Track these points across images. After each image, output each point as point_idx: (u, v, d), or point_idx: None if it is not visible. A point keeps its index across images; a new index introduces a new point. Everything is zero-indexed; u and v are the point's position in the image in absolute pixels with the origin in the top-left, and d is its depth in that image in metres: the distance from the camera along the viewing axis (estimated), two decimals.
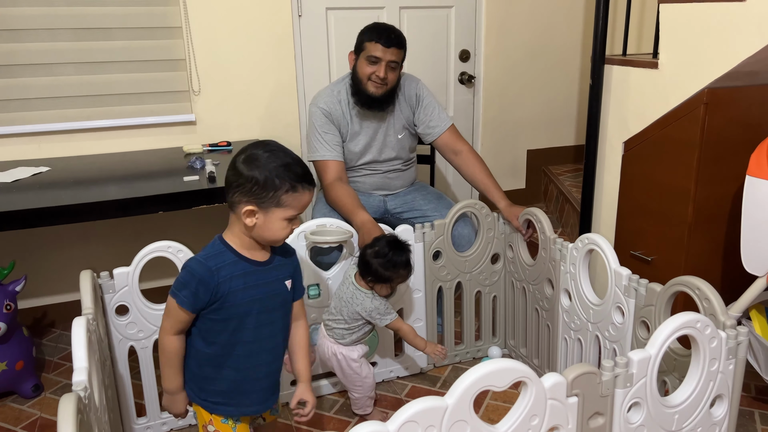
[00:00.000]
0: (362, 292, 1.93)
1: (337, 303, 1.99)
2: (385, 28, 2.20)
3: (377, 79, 2.20)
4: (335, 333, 1.98)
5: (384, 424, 1.11)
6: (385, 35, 2.17)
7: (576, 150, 3.61)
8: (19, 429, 2.04)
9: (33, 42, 2.47)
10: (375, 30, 2.20)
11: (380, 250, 1.91)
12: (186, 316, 1.39)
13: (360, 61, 2.23)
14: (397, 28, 2.24)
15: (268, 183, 1.34)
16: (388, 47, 2.17)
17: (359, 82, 2.23)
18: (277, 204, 1.38)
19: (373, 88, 2.22)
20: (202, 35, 2.67)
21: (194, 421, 2.03)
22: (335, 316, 1.98)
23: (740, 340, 1.42)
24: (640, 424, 1.35)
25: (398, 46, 2.19)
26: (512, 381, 1.18)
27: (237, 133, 2.83)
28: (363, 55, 2.21)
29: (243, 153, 1.38)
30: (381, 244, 1.93)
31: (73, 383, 1.27)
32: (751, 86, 2.02)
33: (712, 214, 2.11)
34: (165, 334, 1.41)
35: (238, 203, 1.38)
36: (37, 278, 2.67)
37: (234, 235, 1.44)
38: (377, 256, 1.90)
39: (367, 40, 2.20)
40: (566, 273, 1.98)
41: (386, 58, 2.17)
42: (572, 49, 3.44)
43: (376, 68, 2.19)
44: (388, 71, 2.19)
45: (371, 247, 1.93)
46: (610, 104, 2.36)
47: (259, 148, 1.38)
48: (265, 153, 1.36)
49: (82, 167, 2.43)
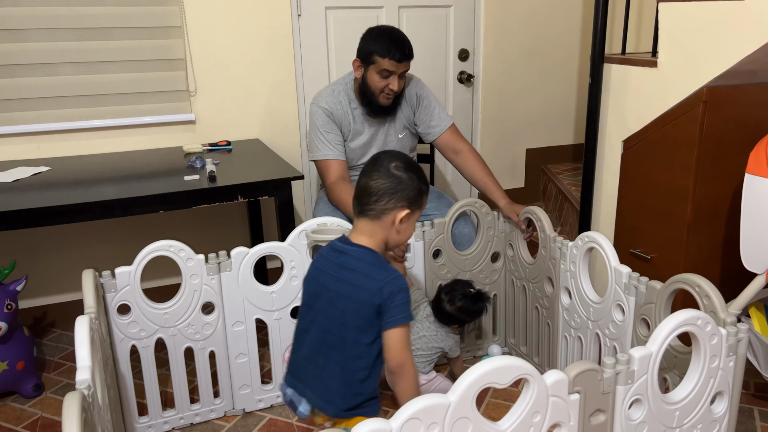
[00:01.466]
0: (443, 331, 2.06)
1: (416, 339, 2.06)
2: (396, 41, 2.13)
3: (390, 92, 2.20)
4: (417, 365, 2.04)
5: (387, 421, 1.11)
6: (399, 51, 2.11)
7: (575, 149, 3.62)
8: (20, 429, 2.04)
9: (32, 42, 2.47)
10: (386, 43, 2.12)
11: (464, 307, 2.03)
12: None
13: (370, 73, 2.18)
14: (405, 37, 2.18)
15: (422, 186, 1.43)
16: (401, 62, 2.14)
17: (371, 94, 2.21)
18: (420, 206, 1.43)
19: (385, 100, 2.22)
20: (202, 35, 2.68)
21: (194, 420, 2.03)
22: (416, 351, 2.05)
23: (740, 337, 1.43)
24: (641, 421, 1.36)
25: (409, 58, 2.17)
26: (514, 378, 1.18)
27: (236, 132, 2.84)
28: (374, 68, 2.16)
29: (391, 161, 1.42)
30: (458, 295, 2.04)
31: (76, 382, 1.28)
32: (750, 85, 2.03)
33: (711, 212, 2.12)
34: (411, 364, 1.41)
35: (393, 209, 1.41)
36: (38, 278, 2.67)
37: (377, 246, 1.44)
38: (461, 312, 2.03)
39: (379, 55, 2.13)
40: (566, 271, 1.99)
41: (399, 71, 2.16)
42: (571, 48, 3.45)
43: (389, 81, 2.17)
44: (400, 81, 2.19)
45: (450, 297, 2.04)
46: (609, 103, 2.36)
47: (399, 157, 1.45)
48: (407, 160, 1.45)
49: (82, 167, 2.43)
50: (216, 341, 1.99)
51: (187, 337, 1.95)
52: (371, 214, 1.42)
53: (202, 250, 1.94)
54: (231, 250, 1.94)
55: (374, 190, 1.40)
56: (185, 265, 1.88)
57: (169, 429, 2.02)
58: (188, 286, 1.90)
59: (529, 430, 1.24)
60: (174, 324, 1.93)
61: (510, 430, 1.22)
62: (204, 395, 2.03)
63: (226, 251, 1.94)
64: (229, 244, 2.73)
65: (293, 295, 2.03)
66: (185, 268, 1.89)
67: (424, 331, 2.06)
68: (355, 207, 1.46)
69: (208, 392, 2.04)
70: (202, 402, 2.04)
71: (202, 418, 2.05)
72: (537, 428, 1.24)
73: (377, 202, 1.40)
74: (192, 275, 1.90)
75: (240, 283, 1.96)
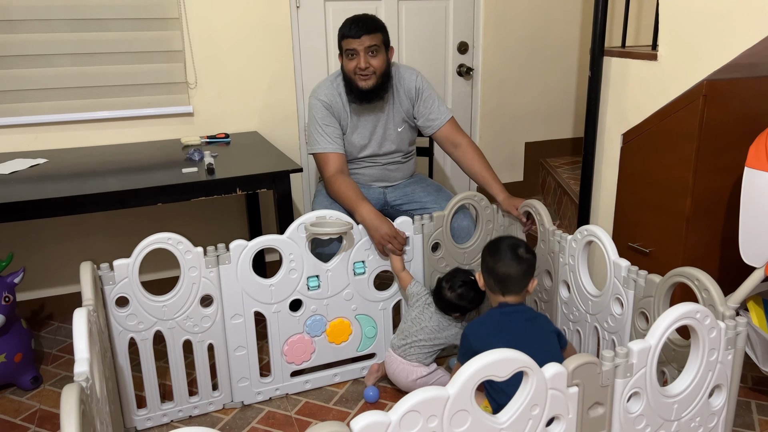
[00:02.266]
0: (445, 320, 2.07)
1: (418, 330, 2.06)
2: (353, 20, 2.19)
3: (361, 71, 2.19)
4: (414, 356, 2.06)
5: (386, 413, 1.11)
6: (353, 26, 2.16)
7: (574, 142, 3.62)
8: (18, 421, 2.04)
9: (29, 33, 2.45)
10: (344, 25, 2.20)
11: (465, 293, 2.03)
12: None
13: (344, 60, 2.23)
14: (369, 15, 2.22)
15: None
16: (359, 36, 2.15)
17: (349, 80, 2.23)
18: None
19: (363, 81, 2.21)
20: (200, 27, 2.66)
21: (193, 413, 2.04)
22: (419, 342, 2.05)
23: (739, 330, 1.43)
24: (640, 414, 1.36)
25: (369, 31, 2.16)
26: (513, 371, 1.19)
27: (234, 125, 2.83)
28: (344, 54, 2.22)
29: (518, 246, 1.76)
30: (458, 282, 2.04)
31: (74, 374, 1.27)
32: (750, 78, 2.02)
33: (711, 206, 2.12)
34: None
35: (530, 281, 1.76)
36: (35, 270, 2.66)
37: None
38: (461, 299, 2.03)
39: (341, 38, 2.20)
40: (565, 265, 1.99)
41: (362, 46, 2.16)
42: (570, 41, 3.44)
43: (356, 61, 2.18)
44: (370, 59, 2.18)
45: (450, 284, 2.04)
46: (608, 96, 2.36)
47: (519, 241, 1.80)
48: (524, 242, 1.82)
49: (80, 159, 2.42)
50: (214, 334, 1.99)
51: (186, 330, 1.95)
52: (522, 292, 1.76)
53: (200, 243, 1.94)
54: (229, 243, 1.93)
55: (521, 274, 1.73)
56: (184, 258, 1.88)
57: (167, 421, 2.02)
58: (187, 278, 1.90)
59: (528, 423, 1.24)
60: (172, 317, 1.92)
61: (509, 423, 1.22)
62: (203, 388, 2.03)
63: (224, 244, 1.93)
64: (226, 237, 2.73)
65: (292, 288, 2.03)
66: (184, 260, 1.88)
67: (425, 322, 2.06)
68: (504, 289, 1.74)
69: (207, 385, 2.04)
70: (200, 395, 2.04)
71: (201, 410, 2.05)
72: (536, 421, 1.25)
73: (529, 273, 1.75)
74: (190, 268, 1.90)
75: (239, 276, 1.95)
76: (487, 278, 1.79)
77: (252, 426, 1.99)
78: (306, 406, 2.09)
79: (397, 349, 2.08)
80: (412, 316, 2.09)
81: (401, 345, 2.07)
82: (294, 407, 2.08)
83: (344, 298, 2.12)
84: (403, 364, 2.06)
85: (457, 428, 1.17)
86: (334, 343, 2.15)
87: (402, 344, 2.07)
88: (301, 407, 2.08)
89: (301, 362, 2.13)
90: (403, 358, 2.06)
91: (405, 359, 2.06)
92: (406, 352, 2.06)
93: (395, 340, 2.11)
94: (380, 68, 2.21)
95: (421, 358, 2.06)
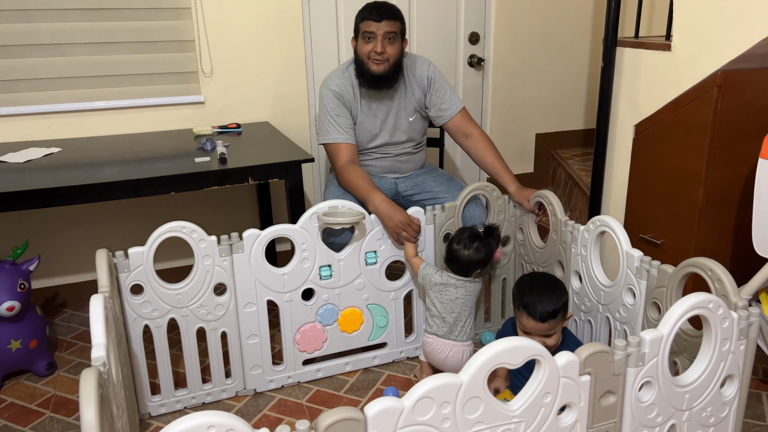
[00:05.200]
0: (469, 282, 2.03)
1: (453, 307, 2.03)
2: (375, 4, 2.21)
3: (376, 56, 2.19)
4: (464, 335, 2.05)
5: (399, 399, 1.12)
6: (375, 10, 2.18)
7: (585, 134, 3.61)
8: (33, 406, 2.07)
9: (43, 22, 2.47)
10: (365, 8, 2.21)
11: (479, 246, 2.00)
12: None
13: (359, 42, 2.24)
14: (390, 3, 2.24)
15: None
16: (380, 20, 2.16)
17: (362, 63, 2.23)
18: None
19: (375, 66, 2.21)
20: (212, 16, 2.67)
21: (206, 400, 2.06)
22: (460, 320, 2.04)
23: (752, 320, 1.43)
24: (651, 403, 1.37)
25: (390, 17, 2.18)
26: (526, 359, 1.19)
27: (246, 115, 2.84)
28: (360, 36, 2.23)
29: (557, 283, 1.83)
30: (466, 238, 2.01)
31: (92, 359, 1.29)
32: (765, 68, 2.01)
33: (723, 197, 2.11)
34: None
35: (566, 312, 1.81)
36: (49, 258, 2.69)
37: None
38: (477, 252, 1.99)
39: (360, 20, 2.22)
40: (577, 255, 1.99)
41: (380, 31, 2.17)
42: (582, 32, 3.42)
43: (373, 44, 2.18)
44: (386, 45, 2.19)
45: (462, 243, 2.01)
46: (621, 87, 2.35)
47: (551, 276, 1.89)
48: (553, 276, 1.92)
49: (93, 147, 2.44)
50: (228, 322, 2.00)
51: (200, 318, 1.97)
52: (561, 321, 1.78)
53: (212, 232, 1.95)
54: (242, 233, 1.95)
55: (562, 307, 1.76)
56: (197, 247, 1.90)
57: (181, 408, 2.04)
58: (200, 267, 1.92)
59: (540, 410, 1.25)
60: (186, 304, 1.94)
61: (521, 410, 1.23)
62: (216, 375, 2.06)
63: (237, 233, 1.95)
64: (237, 227, 2.74)
65: (304, 277, 2.04)
66: (197, 249, 1.90)
67: (455, 294, 2.02)
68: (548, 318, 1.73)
69: (220, 372, 2.06)
70: (213, 382, 2.06)
71: (214, 397, 2.07)
72: (548, 409, 1.26)
73: (563, 310, 1.77)
74: (204, 256, 1.91)
75: (252, 265, 1.97)
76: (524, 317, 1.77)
77: (264, 413, 2.01)
78: (317, 394, 2.11)
79: (446, 336, 2.05)
80: (443, 299, 2.04)
81: (447, 331, 2.04)
82: (305, 395, 2.10)
83: (356, 287, 2.13)
84: (456, 346, 2.05)
85: (469, 415, 1.18)
86: (345, 332, 2.17)
87: (446, 330, 2.04)
88: (312, 395, 2.10)
89: (312, 351, 2.15)
90: (454, 340, 2.05)
91: (456, 341, 2.05)
92: (457, 336, 2.04)
93: (436, 328, 2.06)
94: (394, 56, 2.21)
95: (471, 334, 2.07)
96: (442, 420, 1.16)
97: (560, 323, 1.77)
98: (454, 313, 2.03)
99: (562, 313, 1.76)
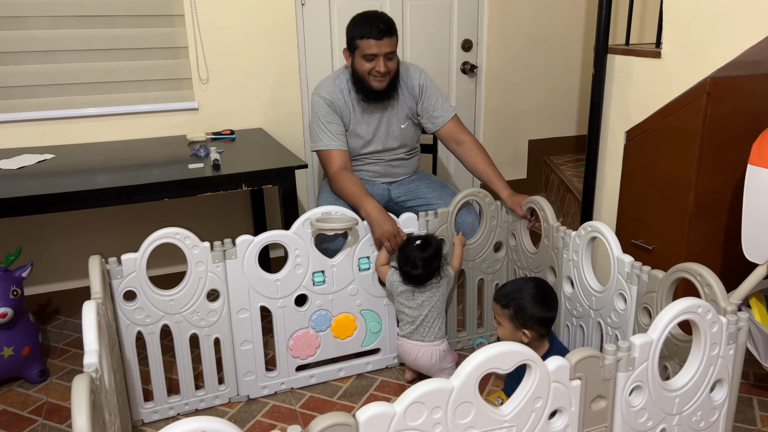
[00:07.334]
0: (436, 281, 2.07)
1: (421, 310, 2.06)
2: (372, 20, 2.15)
3: (378, 74, 2.19)
4: (432, 335, 2.08)
5: (391, 405, 1.13)
6: (375, 29, 2.13)
7: (577, 140, 3.63)
8: (25, 413, 2.07)
9: (37, 29, 2.47)
10: (363, 24, 2.15)
11: (427, 260, 2.02)
12: None
13: (357, 59, 2.21)
14: (384, 14, 2.20)
15: None
16: (381, 39, 2.13)
17: (361, 79, 2.22)
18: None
19: (377, 83, 2.22)
20: (205, 23, 2.68)
21: (199, 406, 2.06)
22: (427, 321, 2.07)
23: (741, 325, 1.44)
24: (642, 408, 1.38)
25: (390, 34, 2.15)
26: (517, 364, 1.20)
27: (240, 121, 2.84)
28: (358, 53, 2.19)
29: (552, 291, 1.86)
30: (413, 256, 2.02)
31: (84, 365, 1.29)
32: (753, 76, 2.03)
33: (713, 203, 2.13)
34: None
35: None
36: (42, 265, 2.69)
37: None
38: (427, 265, 2.02)
39: (358, 38, 2.16)
40: (569, 261, 2.00)
41: (382, 51, 2.15)
42: (574, 39, 3.45)
43: (374, 64, 2.17)
44: (387, 62, 2.19)
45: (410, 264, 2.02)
46: (612, 94, 2.37)
47: (544, 282, 1.88)
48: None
49: (86, 154, 2.44)
50: (221, 328, 2.01)
51: (193, 324, 1.97)
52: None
53: (205, 239, 1.95)
54: (236, 238, 1.95)
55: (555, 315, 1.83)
56: (191, 253, 1.90)
57: (174, 414, 2.04)
58: (193, 273, 1.92)
59: (531, 415, 1.26)
60: (179, 311, 1.94)
61: (512, 415, 1.24)
62: (209, 382, 2.05)
63: (231, 239, 1.95)
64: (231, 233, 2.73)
65: (297, 283, 2.04)
66: (191, 255, 1.90)
67: (421, 297, 2.05)
68: (545, 329, 1.80)
69: (213, 379, 2.06)
70: (206, 388, 2.06)
71: (207, 404, 2.07)
72: (538, 414, 1.26)
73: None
74: (197, 263, 1.91)
75: (245, 271, 1.97)
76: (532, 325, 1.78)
77: (257, 419, 2.01)
78: (310, 400, 2.11)
79: (411, 336, 2.08)
80: (410, 303, 2.06)
81: (412, 331, 2.07)
82: (299, 401, 2.10)
83: (349, 293, 2.13)
84: (425, 346, 2.06)
85: (460, 419, 1.19)
86: (339, 338, 2.17)
87: (413, 332, 2.07)
88: (305, 401, 2.10)
89: (306, 357, 2.15)
90: (422, 341, 2.07)
91: (425, 342, 2.07)
92: (425, 337, 2.06)
93: (406, 330, 2.09)
94: (393, 70, 2.23)
95: (441, 334, 2.09)
96: (433, 425, 1.17)
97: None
98: (422, 316, 2.06)
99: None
